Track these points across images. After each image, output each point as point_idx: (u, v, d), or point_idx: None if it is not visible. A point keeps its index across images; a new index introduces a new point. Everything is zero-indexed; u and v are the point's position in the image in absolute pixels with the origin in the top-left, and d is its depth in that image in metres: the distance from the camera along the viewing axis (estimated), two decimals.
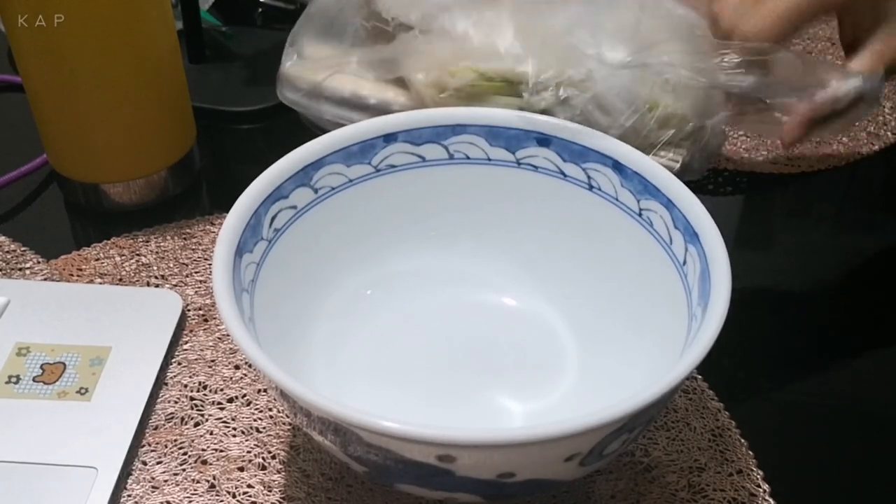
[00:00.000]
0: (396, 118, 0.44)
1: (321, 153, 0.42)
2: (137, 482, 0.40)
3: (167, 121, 0.53)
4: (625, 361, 0.40)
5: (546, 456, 0.32)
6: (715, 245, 0.37)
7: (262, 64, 0.59)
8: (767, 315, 0.49)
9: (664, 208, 0.40)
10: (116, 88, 0.49)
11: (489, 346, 0.44)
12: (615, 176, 0.42)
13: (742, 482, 0.41)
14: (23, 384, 0.43)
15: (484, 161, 0.44)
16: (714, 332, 0.34)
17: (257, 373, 0.45)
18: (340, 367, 0.42)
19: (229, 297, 0.35)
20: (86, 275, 0.50)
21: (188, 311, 0.48)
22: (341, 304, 0.44)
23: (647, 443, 0.42)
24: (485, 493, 0.34)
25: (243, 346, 0.33)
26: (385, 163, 0.44)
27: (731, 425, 0.43)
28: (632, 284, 0.42)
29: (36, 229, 0.53)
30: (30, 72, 0.49)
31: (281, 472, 0.41)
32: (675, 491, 0.40)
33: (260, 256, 0.39)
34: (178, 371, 0.45)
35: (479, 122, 0.44)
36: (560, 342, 0.44)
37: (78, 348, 0.45)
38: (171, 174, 0.54)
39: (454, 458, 0.31)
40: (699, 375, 0.45)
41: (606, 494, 0.40)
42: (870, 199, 0.59)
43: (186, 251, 0.51)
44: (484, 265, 0.46)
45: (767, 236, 0.56)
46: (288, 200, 0.41)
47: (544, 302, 0.45)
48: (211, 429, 0.42)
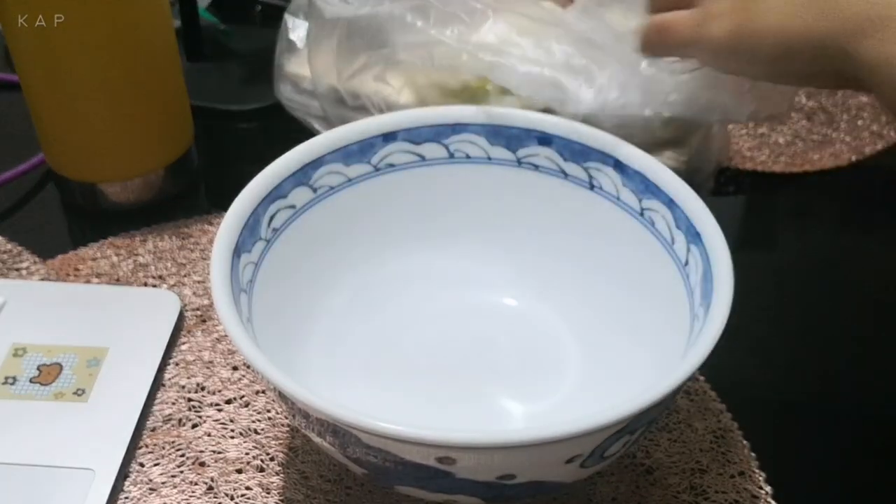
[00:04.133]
0: (396, 117, 0.43)
1: (320, 152, 0.42)
2: (135, 484, 0.40)
3: (165, 120, 0.52)
4: (626, 362, 0.40)
5: (547, 458, 0.32)
6: (717, 245, 0.37)
7: (260, 62, 0.59)
8: (770, 315, 0.49)
9: (666, 208, 0.39)
10: (114, 87, 0.49)
11: (489, 346, 0.44)
12: (617, 175, 0.41)
13: (744, 484, 0.40)
14: (19, 385, 0.43)
15: (484, 160, 0.44)
16: (716, 333, 0.33)
17: (255, 374, 0.44)
18: (339, 368, 0.42)
19: (227, 298, 0.35)
20: (83, 275, 0.50)
21: (186, 311, 0.48)
22: (340, 305, 0.44)
23: (648, 444, 0.42)
24: (485, 495, 0.34)
25: (241, 347, 0.33)
26: (385, 162, 0.43)
27: (734, 427, 0.43)
28: (633, 285, 0.41)
29: (33, 229, 0.53)
30: (27, 71, 0.49)
31: (279, 474, 0.41)
32: (676, 493, 0.40)
33: (258, 256, 0.39)
34: (175, 372, 0.45)
35: (480, 120, 0.43)
36: (561, 342, 0.43)
37: (75, 349, 0.44)
38: (168, 173, 0.54)
39: (454, 460, 0.31)
40: (701, 376, 0.45)
41: (608, 496, 0.40)
42: (873, 198, 0.59)
43: (184, 251, 0.51)
44: (484, 265, 0.46)
45: (770, 236, 0.56)
46: (287, 200, 0.41)
47: (545, 302, 0.45)
48: (209, 430, 0.42)
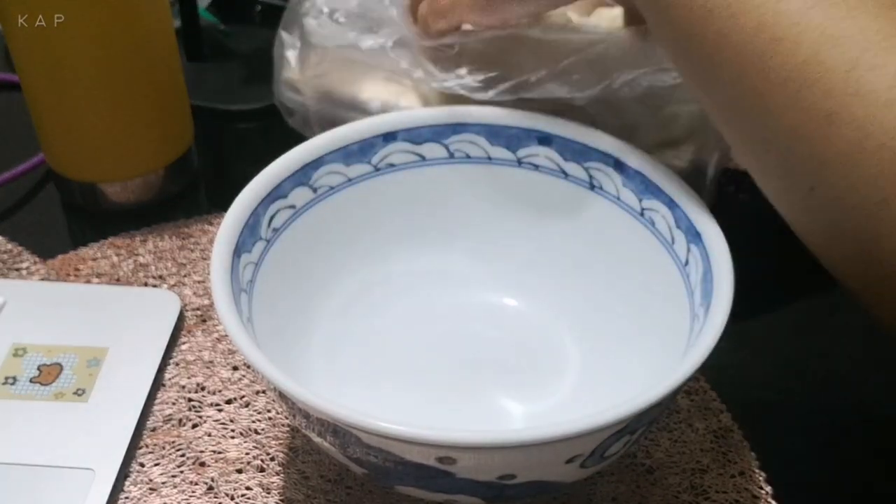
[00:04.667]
0: (396, 117, 0.43)
1: (320, 152, 0.42)
2: (135, 484, 0.40)
3: (165, 119, 0.52)
4: (626, 362, 0.40)
5: (547, 458, 0.32)
6: (717, 245, 0.37)
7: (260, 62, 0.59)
8: (770, 315, 0.49)
9: (666, 208, 0.39)
10: (114, 87, 0.49)
11: (490, 346, 0.44)
12: (617, 175, 0.41)
13: (745, 484, 0.40)
14: (19, 385, 0.43)
15: (484, 160, 0.44)
16: (717, 333, 0.33)
17: (256, 374, 0.44)
18: (339, 368, 0.42)
19: (227, 298, 0.35)
20: (83, 275, 0.49)
21: (186, 311, 0.48)
22: (341, 305, 0.44)
23: (649, 444, 0.42)
24: (485, 495, 0.34)
25: (242, 347, 0.33)
26: (385, 162, 0.43)
27: (734, 427, 0.43)
28: (633, 284, 0.41)
29: (33, 229, 0.53)
30: (27, 71, 0.49)
31: (280, 474, 0.41)
32: (677, 493, 0.40)
33: (258, 256, 0.39)
34: (175, 372, 0.45)
35: (480, 120, 0.43)
36: (561, 342, 0.43)
37: (75, 349, 0.44)
38: (168, 173, 0.54)
39: (454, 460, 0.31)
40: (701, 376, 0.45)
41: (608, 496, 0.40)
42: None
43: (184, 251, 0.51)
44: (484, 265, 0.46)
45: (771, 236, 0.56)
46: (287, 200, 0.41)
47: (545, 302, 0.45)
48: (209, 430, 0.42)
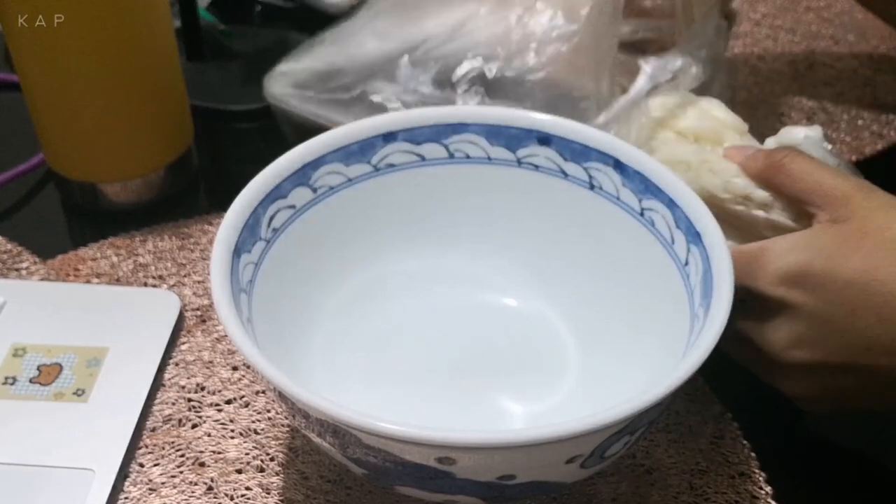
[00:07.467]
0: (396, 117, 0.43)
1: (320, 152, 0.42)
2: (134, 484, 0.40)
3: (165, 120, 0.52)
4: (626, 362, 0.40)
5: (547, 458, 0.32)
6: (717, 245, 0.37)
7: (260, 62, 0.59)
8: None
9: (666, 208, 0.39)
10: (114, 87, 0.49)
11: (490, 346, 0.44)
12: (616, 175, 0.41)
13: (744, 484, 0.40)
14: (19, 385, 0.43)
15: (484, 160, 0.44)
16: (716, 334, 0.33)
17: (255, 374, 0.44)
18: (339, 368, 0.42)
19: (227, 298, 0.35)
20: (83, 275, 0.49)
21: (186, 311, 0.48)
22: (340, 305, 0.44)
23: (648, 445, 0.42)
24: (485, 495, 0.34)
25: (241, 348, 0.33)
26: (384, 162, 0.43)
27: (734, 427, 0.43)
28: (633, 285, 0.41)
29: (33, 229, 0.53)
30: (27, 71, 0.49)
31: (279, 475, 0.41)
32: (676, 494, 0.40)
33: (258, 256, 0.39)
34: (175, 372, 0.45)
35: (480, 120, 0.43)
36: (561, 343, 0.43)
37: (75, 349, 0.44)
38: (168, 173, 0.53)
39: (454, 461, 0.31)
40: (701, 377, 0.45)
41: (608, 497, 0.40)
42: None
43: (184, 251, 0.51)
44: (484, 265, 0.46)
45: None
46: (286, 200, 0.41)
47: (545, 302, 0.45)
48: (209, 431, 0.42)
